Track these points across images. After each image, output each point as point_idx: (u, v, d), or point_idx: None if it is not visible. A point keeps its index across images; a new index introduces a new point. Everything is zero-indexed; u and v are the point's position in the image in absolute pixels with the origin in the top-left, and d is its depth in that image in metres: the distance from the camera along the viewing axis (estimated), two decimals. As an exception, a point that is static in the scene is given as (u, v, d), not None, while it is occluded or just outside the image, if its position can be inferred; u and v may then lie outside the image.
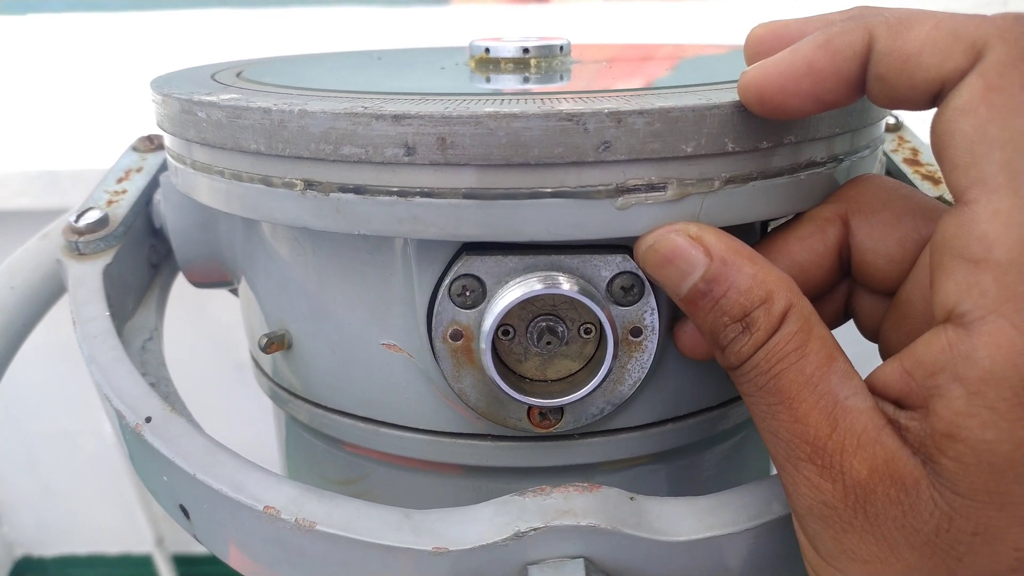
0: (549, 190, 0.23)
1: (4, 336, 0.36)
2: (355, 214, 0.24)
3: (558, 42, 0.35)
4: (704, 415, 0.30)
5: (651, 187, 0.23)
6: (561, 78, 0.33)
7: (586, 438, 0.28)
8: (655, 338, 0.26)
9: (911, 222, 0.25)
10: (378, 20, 0.44)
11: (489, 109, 0.22)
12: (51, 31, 0.98)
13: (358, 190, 0.24)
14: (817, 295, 0.26)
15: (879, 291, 0.26)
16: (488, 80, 0.35)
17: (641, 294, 0.25)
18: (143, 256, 0.38)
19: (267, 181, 0.25)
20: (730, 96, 0.23)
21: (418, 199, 0.23)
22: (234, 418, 0.69)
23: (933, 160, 0.39)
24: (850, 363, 0.22)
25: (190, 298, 0.45)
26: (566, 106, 0.22)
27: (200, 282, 0.38)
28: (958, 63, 0.20)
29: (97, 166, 0.64)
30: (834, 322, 0.27)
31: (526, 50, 0.34)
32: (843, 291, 0.27)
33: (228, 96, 0.26)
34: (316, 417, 0.31)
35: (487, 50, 0.35)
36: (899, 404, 0.21)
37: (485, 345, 0.25)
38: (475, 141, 0.22)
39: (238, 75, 0.33)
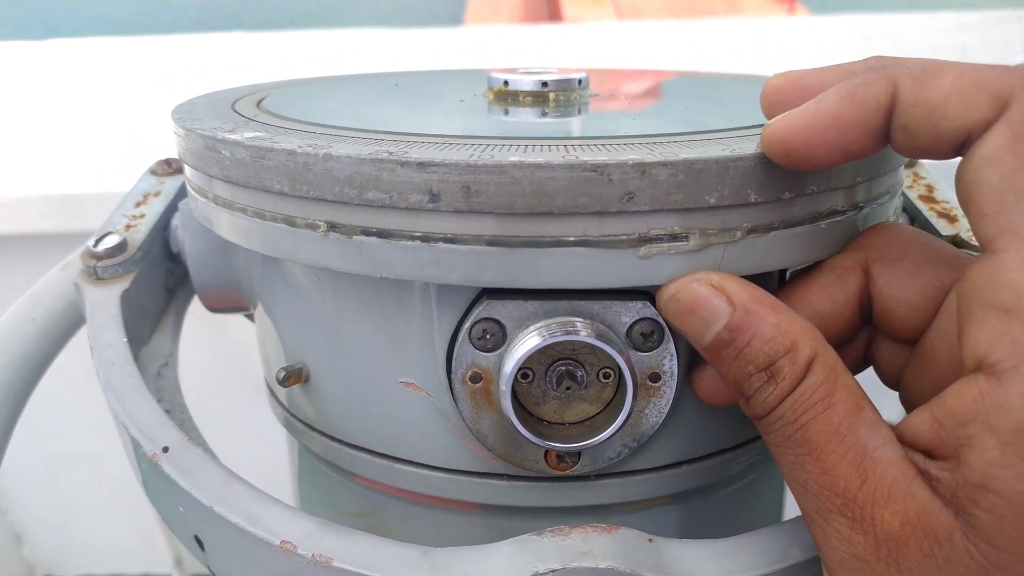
0: (572, 239, 0.23)
1: (26, 367, 0.37)
2: (378, 257, 0.24)
3: (576, 76, 0.35)
4: (720, 456, 0.30)
5: (673, 237, 0.23)
6: (579, 111, 0.34)
7: (602, 479, 0.28)
8: (673, 383, 0.26)
9: (932, 270, 0.25)
10: (394, 41, 0.45)
11: (514, 158, 0.22)
12: (73, 55, 0.98)
13: (381, 234, 0.24)
14: (838, 344, 0.26)
15: (900, 339, 0.26)
16: (507, 113, 0.35)
17: (661, 340, 0.25)
18: (160, 281, 0.38)
19: (290, 221, 0.25)
20: (753, 145, 0.23)
21: (441, 245, 0.23)
22: (250, 437, 0.68)
23: (948, 197, 0.39)
24: (878, 413, 0.22)
25: (205, 315, 0.45)
26: (590, 156, 0.22)
27: (216, 307, 0.38)
28: (983, 113, 0.20)
29: (119, 189, 0.64)
30: (854, 370, 0.27)
31: (545, 84, 0.35)
32: (863, 339, 0.27)
33: (252, 135, 0.26)
34: (331, 450, 0.31)
35: (506, 83, 0.35)
36: (929, 454, 0.20)
37: (505, 389, 0.25)
38: (500, 190, 0.22)
39: (259, 104, 0.33)
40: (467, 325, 0.25)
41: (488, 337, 0.25)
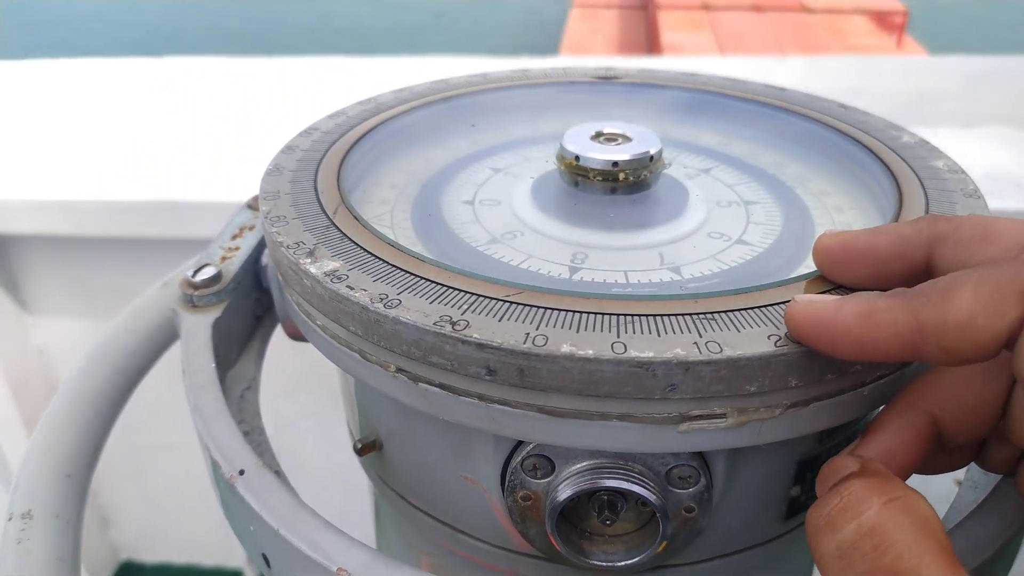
0: (616, 415, 0.25)
1: (124, 376, 0.41)
2: (440, 404, 0.27)
3: (649, 151, 0.35)
4: (749, 551, 0.32)
5: (712, 416, 0.25)
6: (645, 199, 0.35)
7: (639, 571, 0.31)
8: (708, 510, 0.28)
9: None
10: (487, 69, 0.45)
11: (566, 349, 0.24)
12: (185, 73, 1.01)
13: (443, 387, 0.26)
14: (977, 436, 0.26)
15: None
16: (576, 185, 0.36)
17: (697, 481, 0.27)
18: (249, 309, 0.42)
19: (363, 355, 0.28)
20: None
21: (497, 406, 0.26)
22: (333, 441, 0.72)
23: None
24: None
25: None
26: (637, 351, 0.24)
27: (297, 337, 0.41)
28: (1015, 315, 0.21)
29: (217, 199, 0.67)
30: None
31: (615, 164, 0.35)
32: None
33: (332, 267, 0.28)
34: (400, 506, 0.35)
35: (577, 158, 0.35)
36: None
37: (550, 523, 0.27)
38: (551, 376, 0.24)
39: (339, 181, 0.35)
40: (519, 457, 0.28)
41: (537, 469, 0.28)
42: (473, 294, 0.26)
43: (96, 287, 0.83)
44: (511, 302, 0.26)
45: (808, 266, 0.33)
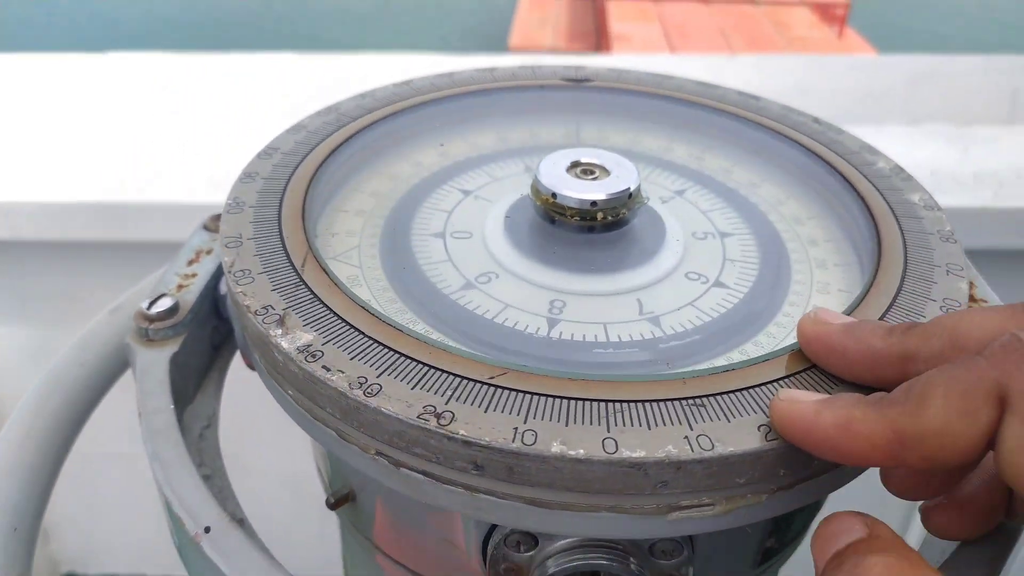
0: (605, 507, 0.24)
1: (75, 409, 0.39)
2: (422, 490, 0.26)
3: (628, 188, 0.34)
4: (725, 596, 0.33)
5: (701, 505, 0.25)
6: (622, 237, 0.34)
7: (616, 623, 0.32)
8: (688, 574, 0.28)
9: None
10: (440, 67, 0.42)
11: (556, 449, 0.23)
12: (126, 69, 0.95)
13: (426, 474, 0.25)
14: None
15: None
16: (553, 222, 0.35)
17: (680, 553, 0.27)
18: (207, 337, 0.40)
19: (342, 435, 0.27)
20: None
21: (483, 496, 0.25)
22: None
23: (988, 295, 0.38)
24: None
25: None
26: (628, 452, 0.23)
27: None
28: (990, 416, 0.21)
29: (163, 199, 0.63)
30: None
31: (594, 203, 0.34)
32: None
33: (305, 341, 0.27)
34: (371, 552, 0.34)
35: (554, 195, 0.34)
36: None
37: (534, 598, 0.27)
38: (540, 474, 0.24)
39: (305, 222, 0.33)
40: (502, 534, 0.27)
41: (521, 545, 0.27)
42: (456, 375, 0.26)
43: (32, 293, 0.79)
44: (495, 386, 0.25)
45: (785, 313, 0.33)
